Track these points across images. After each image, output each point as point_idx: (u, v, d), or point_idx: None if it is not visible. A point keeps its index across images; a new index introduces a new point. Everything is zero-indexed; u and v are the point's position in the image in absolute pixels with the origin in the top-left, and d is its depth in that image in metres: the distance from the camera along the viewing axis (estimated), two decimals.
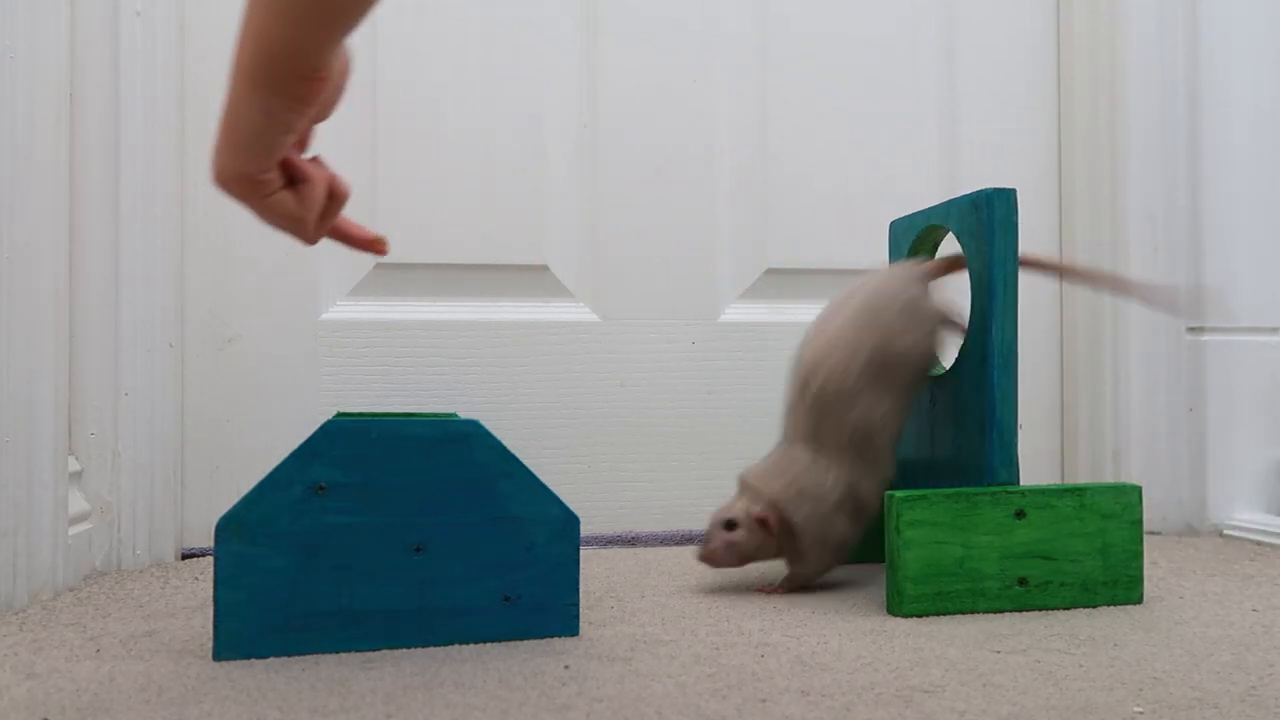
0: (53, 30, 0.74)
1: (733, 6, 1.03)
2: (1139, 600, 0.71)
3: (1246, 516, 1.01)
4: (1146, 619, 0.67)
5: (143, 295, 0.85)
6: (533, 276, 0.99)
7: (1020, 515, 0.69)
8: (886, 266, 0.78)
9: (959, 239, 0.75)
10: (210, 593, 0.71)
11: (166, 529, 0.87)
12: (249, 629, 0.57)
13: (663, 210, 1.01)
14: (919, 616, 0.67)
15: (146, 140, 0.85)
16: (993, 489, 0.69)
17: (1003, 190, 0.71)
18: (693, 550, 0.92)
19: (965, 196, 0.74)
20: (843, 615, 0.68)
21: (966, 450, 0.73)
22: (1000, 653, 0.58)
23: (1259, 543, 0.96)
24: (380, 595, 0.59)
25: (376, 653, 0.58)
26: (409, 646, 0.59)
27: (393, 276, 0.96)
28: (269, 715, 0.48)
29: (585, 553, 0.91)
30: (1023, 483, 0.71)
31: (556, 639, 0.61)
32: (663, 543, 0.98)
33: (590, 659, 0.57)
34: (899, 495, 0.67)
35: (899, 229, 0.86)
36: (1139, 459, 1.02)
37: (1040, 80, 1.09)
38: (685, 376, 1.00)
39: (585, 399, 0.98)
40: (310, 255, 0.94)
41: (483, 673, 0.54)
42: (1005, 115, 1.08)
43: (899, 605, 0.67)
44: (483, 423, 0.61)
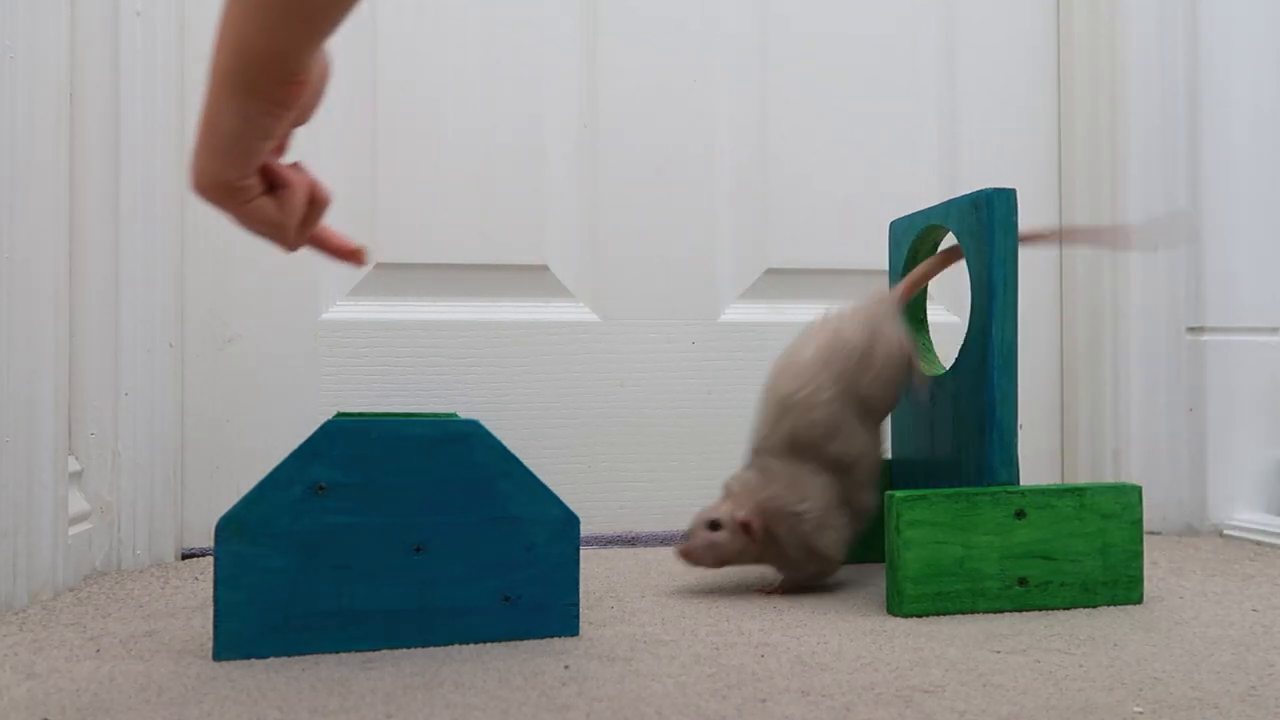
0: (53, 30, 0.74)
1: (733, 6, 1.03)
2: (1139, 600, 0.71)
3: (1246, 516, 1.01)
4: (1146, 619, 0.67)
5: (143, 295, 0.85)
6: (533, 276, 0.99)
7: (1020, 515, 0.69)
8: (852, 305, 0.78)
9: (959, 239, 0.75)
10: (210, 593, 0.71)
11: (166, 529, 0.87)
12: (249, 629, 0.57)
13: (663, 210, 1.01)
14: (919, 616, 0.67)
15: (146, 140, 0.85)
16: (993, 489, 0.69)
17: (1003, 190, 0.71)
18: (672, 547, 0.91)
19: (965, 196, 0.74)
20: (843, 615, 0.68)
21: (966, 450, 0.73)
22: (1000, 653, 0.58)
23: (1259, 543, 0.96)
24: (380, 595, 0.59)
25: (376, 653, 0.58)
26: (409, 646, 0.59)
27: (393, 276, 0.96)
28: (269, 715, 0.48)
29: (585, 553, 0.91)
30: (1023, 483, 0.72)
31: (556, 639, 0.61)
32: (663, 543, 0.98)
33: (590, 659, 0.57)
34: (899, 495, 0.67)
35: (899, 229, 0.86)
36: (1139, 459, 1.02)
37: (1040, 80, 1.09)
38: (685, 376, 1.00)
39: (585, 399, 0.98)
40: (310, 255, 0.93)
41: (483, 673, 0.54)
42: (1005, 115, 1.08)
43: (899, 605, 0.67)
44: (483, 423, 0.61)
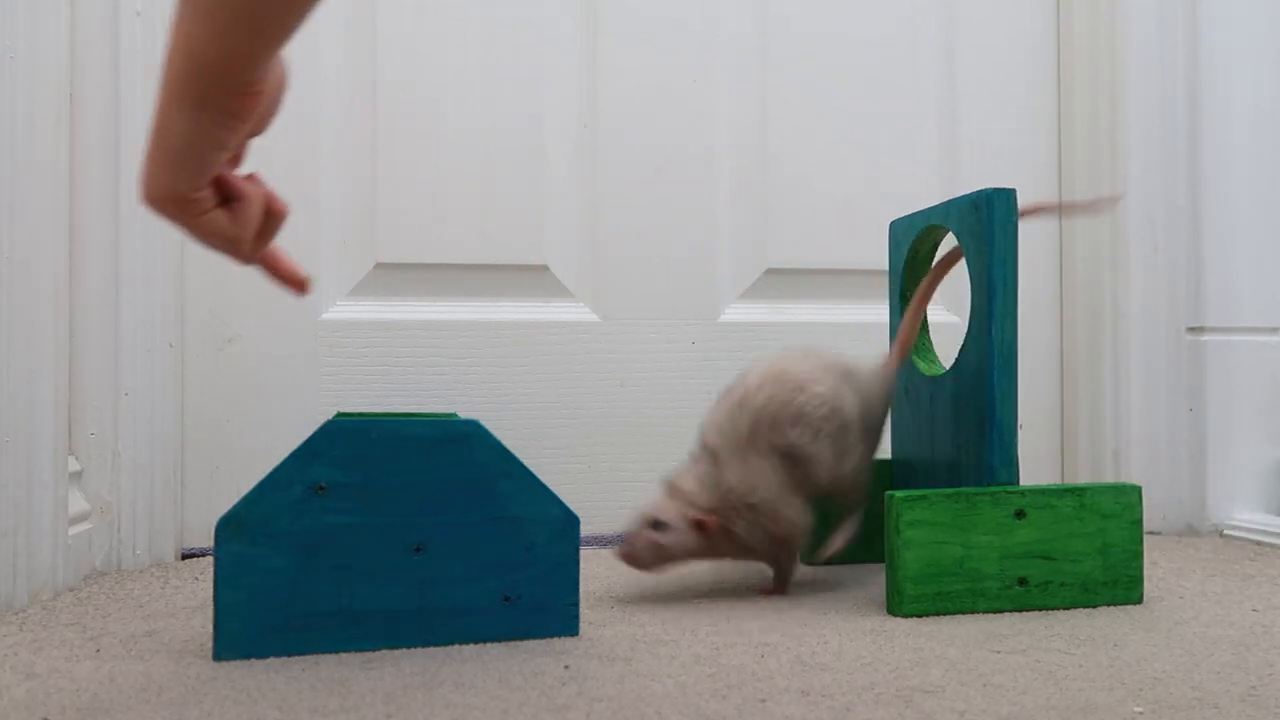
0: (53, 30, 0.74)
1: (733, 6, 1.03)
2: (1139, 600, 0.71)
3: (1246, 516, 1.01)
4: (1146, 619, 0.67)
5: (143, 295, 0.85)
6: (533, 276, 0.99)
7: (1020, 515, 0.69)
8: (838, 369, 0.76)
9: (959, 239, 0.75)
10: (210, 593, 0.71)
11: (166, 529, 0.87)
12: (249, 629, 0.57)
13: (663, 210, 1.01)
14: (919, 616, 0.67)
15: (146, 140, 0.85)
16: (993, 489, 0.69)
17: (1003, 190, 0.71)
18: (612, 550, 0.90)
19: (965, 196, 0.74)
20: (843, 615, 0.68)
21: (966, 450, 0.73)
22: (1000, 653, 0.58)
23: (1259, 543, 0.96)
24: (380, 595, 0.59)
25: (376, 653, 0.58)
26: (409, 646, 0.59)
27: (393, 276, 0.96)
28: (269, 715, 0.48)
29: (585, 553, 0.91)
30: (1023, 483, 0.71)
31: (556, 639, 0.61)
32: None
33: (590, 659, 0.57)
34: (899, 495, 0.67)
35: (899, 229, 0.86)
36: (1139, 459, 1.02)
37: (1040, 80, 1.09)
38: (685, 376, 1.00)
39: (585, 399, 0.98)
40: (310, 255, 0.94)
41: (483, 673, 0.54)
42: (1005, 115, 1.08)
43: (899, 605, 0.67)
44: (483, 423, 0.61)
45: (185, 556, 0.90)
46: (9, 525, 0.69)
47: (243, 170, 0.46)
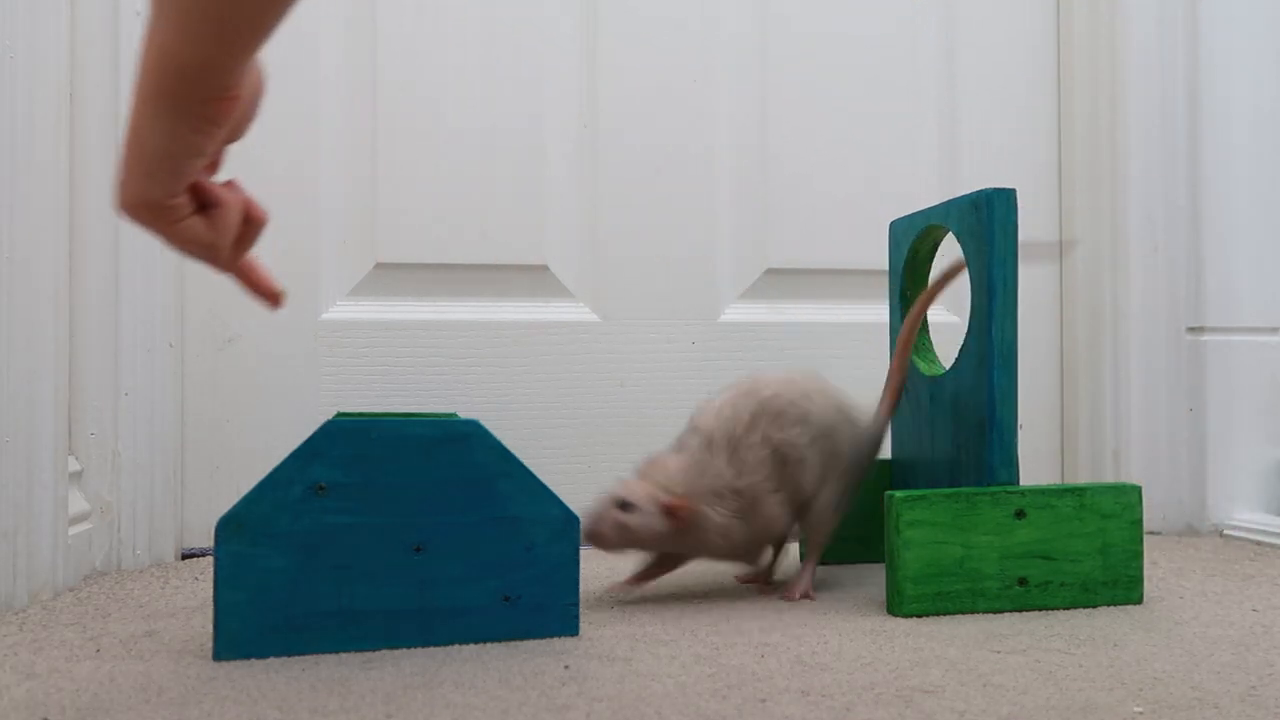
0: (53, 30, 0.74)
1: (733, 6, 1.03)
2: (1139, 600, 0.71)
3: (1246, 516, 1.01)
4: (1146, 619, 0.67)
5: (143, 295, 0.85)
6: (533, 276, 0.99)
7: (1020, 515, 0.69)
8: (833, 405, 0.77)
9: (959, 239, 0.75)
10: (210, 593, 0.71)
11: (166, 529, 0.87)
12: (249, 629, 0.57)
13: (663, 210, 1.01)
14: (919, 616, 0.67)
15: None
16: (993, 489, 0.69)
17: (1003, 190, 0.71)
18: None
19: (965, 196, 0.74)
20: (843, 615, 0.68)
21: (966, 450, 0.73)
22: (1000, 653, 0.58)
23: (1259, 543, 0.96)
24: (380, 595, 0.59)
25: (376, 653, 0.58)
26: (409, 646, 0.59)
27: (393, 276, 0.96)
28: (269, 715, 0.48)
29: (585, 553, 0.91)
30: (1023, 483, 0.72)
31: (556, 639, 0.61)
32: None
33: (590, 659, 0.57)
34: (899, 495, 0.67)
35: (899, 229, 0.86)
36: (1139, 459, 1.02)
37: (1040, 80, 1.09)
38: (685, 376, 1.00)
39: (585, 399, 0.98)
40: (310, 255, 0.94)
41: (483, 673, 0.54)
42: (1005, 115, 1.08)
43: (899, 605, 0.67)
44: (483, 423, 0.61)
45: (185, 556, 0.90)
46: (9, 525, 0.69)
47: (222, 176, 0.45)
